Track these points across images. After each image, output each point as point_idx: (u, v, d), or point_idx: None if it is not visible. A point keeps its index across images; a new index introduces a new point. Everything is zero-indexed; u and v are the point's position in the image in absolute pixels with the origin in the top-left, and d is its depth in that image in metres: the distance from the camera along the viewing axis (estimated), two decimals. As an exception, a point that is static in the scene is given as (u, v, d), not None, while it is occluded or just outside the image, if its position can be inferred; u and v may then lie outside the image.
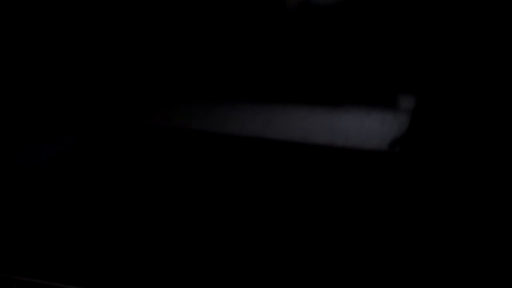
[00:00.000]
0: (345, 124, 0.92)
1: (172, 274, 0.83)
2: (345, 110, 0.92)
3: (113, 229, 0.90)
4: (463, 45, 0.80)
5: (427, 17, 0.83)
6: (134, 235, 0.89)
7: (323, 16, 0.87)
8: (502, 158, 0.80)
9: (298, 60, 0.90)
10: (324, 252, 0.84)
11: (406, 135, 0.88)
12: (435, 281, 0.78)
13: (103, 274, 0.84)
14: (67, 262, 0.86)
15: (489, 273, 0.77)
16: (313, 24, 0.87)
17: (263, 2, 0.86)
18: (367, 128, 0.92)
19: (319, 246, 0.85)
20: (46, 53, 0.97)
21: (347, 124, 0.92)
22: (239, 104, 0.94)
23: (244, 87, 0.93)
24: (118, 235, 0.90)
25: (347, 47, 0.88)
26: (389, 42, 0.86)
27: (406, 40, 0.86)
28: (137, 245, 0.88)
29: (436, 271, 0.79)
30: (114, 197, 0.95)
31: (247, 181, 0.94)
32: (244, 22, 0.88)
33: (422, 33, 0.85)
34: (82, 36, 0.94)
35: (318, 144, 0.92)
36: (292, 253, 0.83)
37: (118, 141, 1.00)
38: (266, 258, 0.84)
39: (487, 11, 0.77)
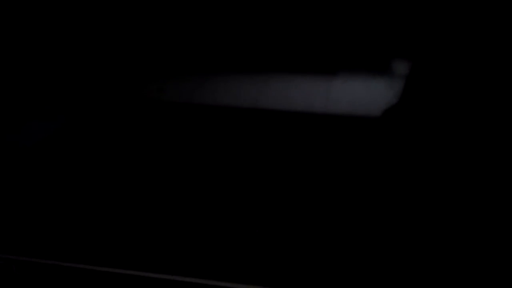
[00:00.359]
0: (340, 91, 0.91)
1: (167, 254, 0.83)
2: (340, 78, 0.91)
3: (108, 206, 0.90)
4: (457, 12, 0.79)
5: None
6: (129, 211, 0.89)
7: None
8: (497, 127, 0.80)
9: (291, 27, 0.88)
10: (315, 227, 0.85)
11: (400, 101, 0.87)
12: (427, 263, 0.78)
13: (99, 251, 0.84)
14: (64, 240, 0.87)
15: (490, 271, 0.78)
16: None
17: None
18: (362, 94, 0.91)
19: (312, 219, 0.86)
20: (36, 32, 0.95)
21: (343, 91, 0.91)
22: (233, 75, 0.93)
23: (237, 57, 0.91)
24: (113, 212, 0.90)
25: (341, 14, 0.86)
26: (382, 7, 0.85)
27: (399, 6, 0.84)
28: (132, 221, 0.88)
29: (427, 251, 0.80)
30: (109, 173, 0.94)
31: (242, 153, 0.93)
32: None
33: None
34: (73, 16, 0.92)
35: (314, 112, 0.92)
36: (286, 228, 0.84)
37: (114, 114, 0.99)
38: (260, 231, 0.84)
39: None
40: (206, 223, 0.85)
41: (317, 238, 0.83)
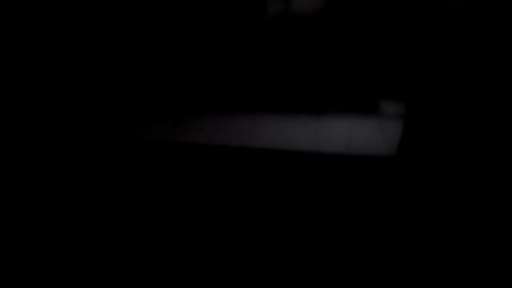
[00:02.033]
0: (329, 131, 0.92)
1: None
2: (329, 117, 0.92)
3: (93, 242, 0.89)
4: (449, 51, 0.81)
5: (407, 26, 0.84)
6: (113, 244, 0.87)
7: (303, 24, 0.87)
8: (498, 156, 0.81)
9: (281, 69, 0.90)
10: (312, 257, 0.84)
11: (402, 139, 0.88)
12: (434, 282, 0.78)
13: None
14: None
15: (488, 273, 0.77)
16: (294, 33, 0.87)
17: (244, 11, 0.86)
18: (351, 134, 0.92)
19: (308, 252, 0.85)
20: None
21: (332, 131, 0.92)
22: (227, 115, 0.94)
23: (227, 98, 0.92)
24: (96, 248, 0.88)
25: (329, 56, 0.88)
26: (369, 50, 0.87)
27: (386, 48, 0.86)
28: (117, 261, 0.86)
29: (434, 272, 0.79)
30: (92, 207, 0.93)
31: (227, 191, 0.93)
32: (225, 32, 0.88)
33: (403, 42, 0.85)
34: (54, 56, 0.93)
35: (304, 151, 0.92)
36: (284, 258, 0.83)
37: (100, 154, 0.99)
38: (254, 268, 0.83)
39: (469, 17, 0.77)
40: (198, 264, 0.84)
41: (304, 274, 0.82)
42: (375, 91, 0.79)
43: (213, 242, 0.88)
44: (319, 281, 0.80)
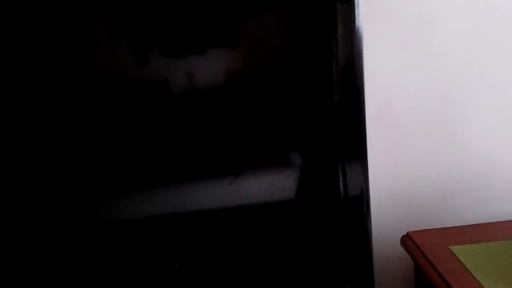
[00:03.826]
0: (246, 188, 0.99)
1: None
2: (245, 177, 0.99)
3: None
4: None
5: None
6: None
7: (208, 97, 0.95)
8: None
9: (191, 141, 0.96)
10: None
11: (298, 188, 0.96)
12: None
13: None
14: None
15: None
16: (200, 105, 0.95)
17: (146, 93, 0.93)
18: (265, 187, 0.99)
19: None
20: None
21: (248, 187, 0.99)
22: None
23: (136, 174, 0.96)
24: None
25: (236, 121, 0.96)
26: (272, 110, 0.97)
27: (287, 106, 0.97)
28: None
29: None
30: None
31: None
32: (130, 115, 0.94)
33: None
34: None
35: (220, 208, 0.97)
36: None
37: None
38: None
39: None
40: None
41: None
42: (284, 145, 0.87)
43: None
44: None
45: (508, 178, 1.44)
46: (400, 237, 1.26)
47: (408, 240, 1.22)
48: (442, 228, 1.30)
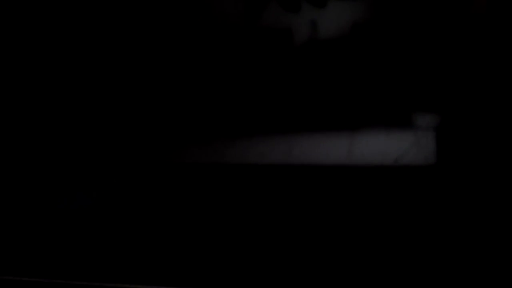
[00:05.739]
0: (364, 145, 0.94)
1: None
2: (363, 133, 0.94)
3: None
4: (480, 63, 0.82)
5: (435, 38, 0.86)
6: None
7: (332, 47, 0.91)
8: None
9: (311, 91, 0.93)
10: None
11: (439, 149, 0.89)
12: None
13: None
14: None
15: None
16: (322, 56, 0.91)
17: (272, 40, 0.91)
18: (385, 147, 0.94)
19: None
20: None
21: (366, 145, 0.94)
22: (263, 136, 0.97)
23: (262, 121, 0.96)
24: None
25: (359, 74, 0.91)
26: (399, 65, 0.90)
27: (416, 62, 0.89)
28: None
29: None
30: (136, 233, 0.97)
31: (269, 209, 0.95)
32: (257, 59, 0.93)
33: (431, 54, 0.88)
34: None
35: (336, 165, 0.94)
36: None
37: (146, 181, 1.03)
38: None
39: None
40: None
41: None
42: (408, 104, 0.81)
43: (262, 268, 0.91)
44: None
45: None
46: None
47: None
48: None
